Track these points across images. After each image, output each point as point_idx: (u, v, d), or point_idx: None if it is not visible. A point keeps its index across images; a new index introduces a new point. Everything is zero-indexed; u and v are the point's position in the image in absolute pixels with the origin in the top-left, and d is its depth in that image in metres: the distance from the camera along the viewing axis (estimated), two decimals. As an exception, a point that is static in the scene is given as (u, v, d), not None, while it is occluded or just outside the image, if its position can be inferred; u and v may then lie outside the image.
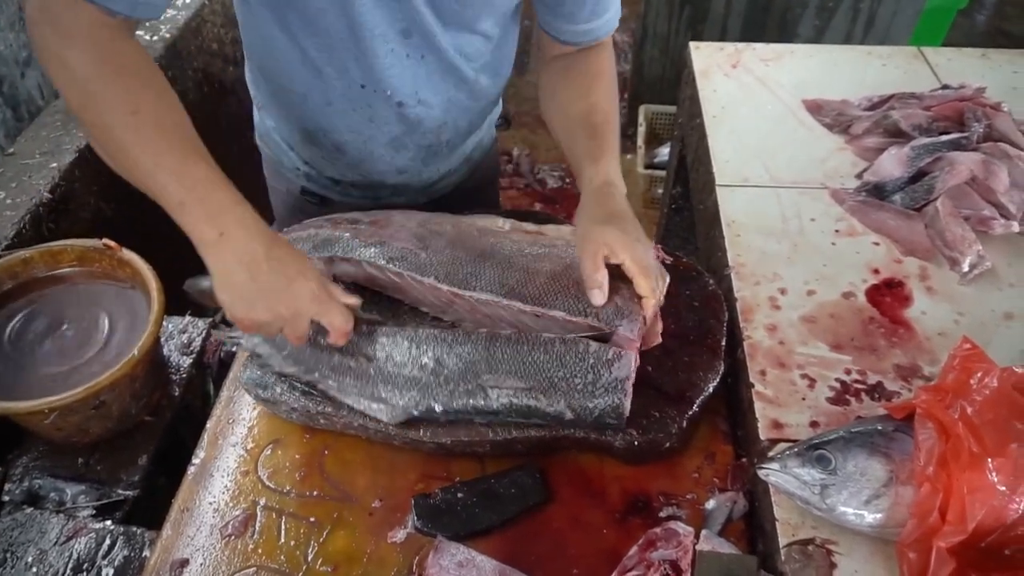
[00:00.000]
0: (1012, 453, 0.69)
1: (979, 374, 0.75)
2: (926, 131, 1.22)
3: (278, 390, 0.92)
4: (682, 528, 0.80)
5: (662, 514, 0.85)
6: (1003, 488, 0.69)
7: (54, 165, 1.32)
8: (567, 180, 2.86)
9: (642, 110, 2.75)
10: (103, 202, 1.38)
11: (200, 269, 0.79)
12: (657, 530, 0.81)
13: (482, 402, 0.85)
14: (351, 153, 1.09)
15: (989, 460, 0.69)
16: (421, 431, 0.87)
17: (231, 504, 0.88)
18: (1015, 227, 1.08)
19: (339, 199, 1.19)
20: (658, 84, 2.83)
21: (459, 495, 0.85)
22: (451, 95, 1.05)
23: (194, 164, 0.76)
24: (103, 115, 0.75)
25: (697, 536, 0.80)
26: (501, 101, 1.23)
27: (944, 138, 1.18)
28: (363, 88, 0.98)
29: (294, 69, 0.97)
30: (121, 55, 0.77)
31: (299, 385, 0.92)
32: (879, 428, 0.79)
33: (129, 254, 1.08)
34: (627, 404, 0.85)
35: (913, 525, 0.71)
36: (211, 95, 1.85)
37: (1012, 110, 1.25)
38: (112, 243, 1.08)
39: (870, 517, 0.74)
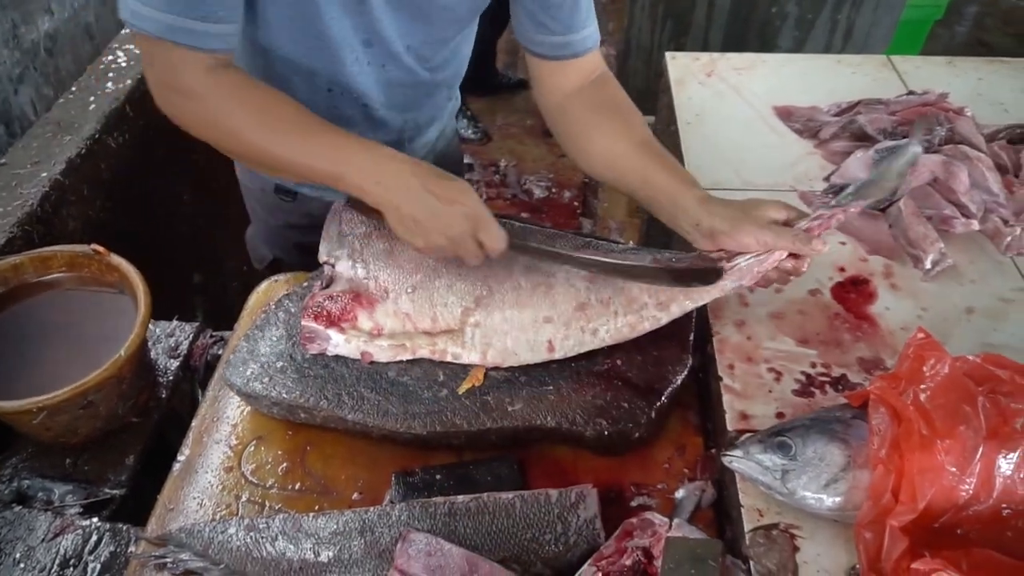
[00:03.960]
0: (960, 435, 0.73)
1: (932, 361, 0.78)
2: (891, 135, 1.26)
3: (258, 386, 0.95)
4: (657, 518, 0.82)
5: (633, 503, 0.88)
6: (952, 468, 0.72)
7: (44, 174, 1.34)
8: (553, 190, 2.90)
9: (627, 121, 2.79)
10: (91, 210, 1.41)
11: (185, 270, 0.82)
12: (633, 520, 0.83)
13: None
14: None
15: (938, 442, 0.72)
16: (397, 422, 0.89)
17: (214, 499, 0.91)
18: (975, 225, 1.12)
19: (312, 194, 1.22)
20: (642, 95, 2.85)
21: (437, 476, 0.88)
22: (409, 95, 1.11)
23: (328, 138, 0.89)
24: (243, 134, 0.89)
25: (669, 525, 0.83)
26: (471, 114, 1.30)
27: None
28: (330, 92, 1.04)
29: (264, 70, 1.03)
30: (231, 83, 0.89)
31: (280, 380, 0.95)
32: (837, 415, 0.82)
33: (117, 259, 1.11)
34: (602, 540, 0.81)
35: (868, 506, 0.73)
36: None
37: (976, 115, 1.29)
38: (101, 248, 1.11)
39: (829, 500, 0.77)
